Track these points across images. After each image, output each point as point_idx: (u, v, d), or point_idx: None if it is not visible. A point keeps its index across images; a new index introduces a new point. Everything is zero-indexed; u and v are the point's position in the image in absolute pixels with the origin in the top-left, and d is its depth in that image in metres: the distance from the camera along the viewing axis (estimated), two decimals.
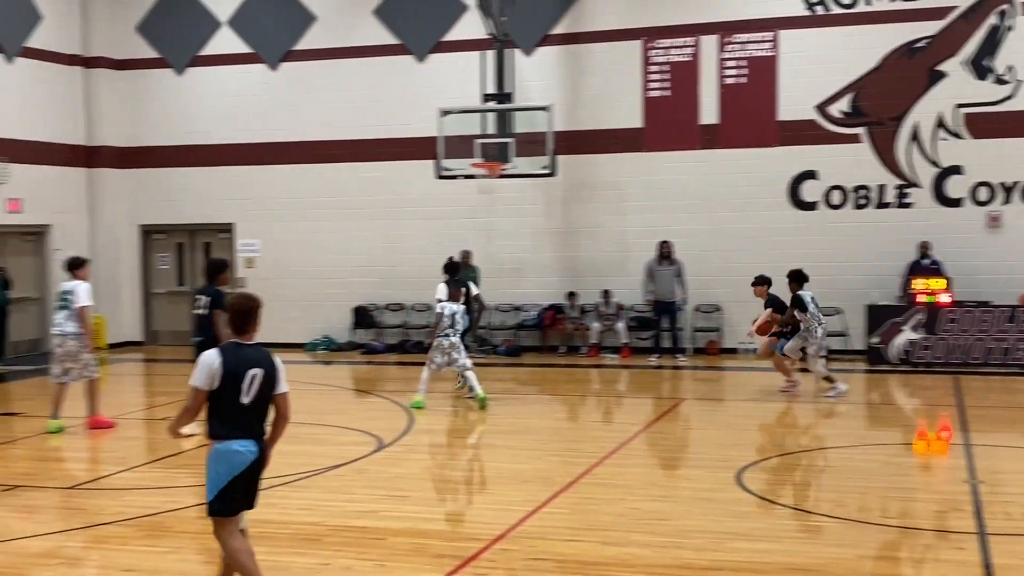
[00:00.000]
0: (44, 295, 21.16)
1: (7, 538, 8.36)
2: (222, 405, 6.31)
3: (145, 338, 22.62)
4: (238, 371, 6.32)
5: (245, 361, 6.36)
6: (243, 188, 21.71)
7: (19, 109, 20.33)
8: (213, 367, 6.28)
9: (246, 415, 6.35)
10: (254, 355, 6.44)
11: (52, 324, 12.96)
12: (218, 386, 6.28)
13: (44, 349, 20.98)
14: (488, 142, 18.06)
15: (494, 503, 9.18)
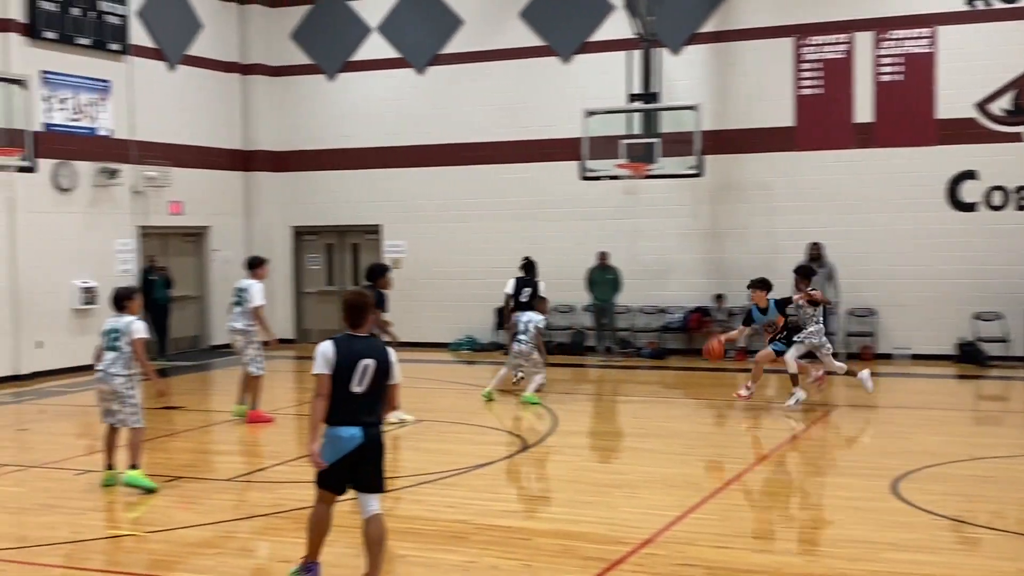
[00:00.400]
0: (203, 294, 21.96)
1: (169, 527, 8.67)
2: (334, 393, 6.61)
3: (296, 336, 23.21)
4: (350, 361, 6.62)
5: (358, 352, 6.67)
6: (390, 190, 22.09)
7: (180, 115, 21.11)
8: (328, 355, 6.63)
9: (356, 403, 6.64)
10: (367, 346, 6.73)
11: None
12: (332, 374, 6.60)
13: (203, 345, 21.80)
14: (634, 142, 17.94)
15: (641, 507, 9.10)
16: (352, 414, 6.64)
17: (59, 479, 10.53)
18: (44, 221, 18.13)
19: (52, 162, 18.07)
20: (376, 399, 6.74)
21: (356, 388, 6.63)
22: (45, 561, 7.86)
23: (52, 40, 18.32)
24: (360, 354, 6.67)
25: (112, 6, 19.44)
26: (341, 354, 6.64)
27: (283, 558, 7.74)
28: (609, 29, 20.16)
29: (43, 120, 17.98)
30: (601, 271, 19.18)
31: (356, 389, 6.63)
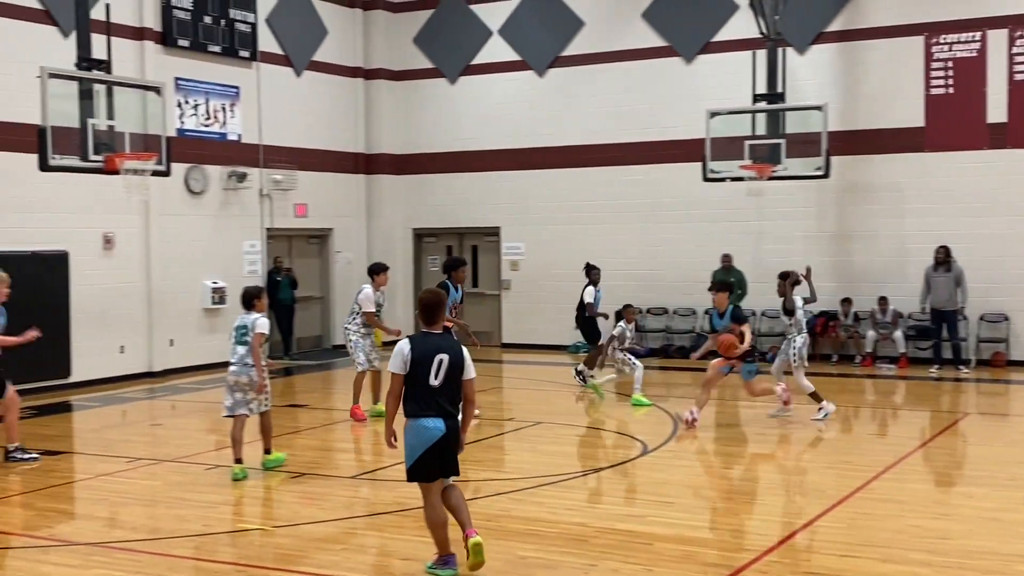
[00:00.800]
0: (327, 294, 22.38)
1: (294, 522, 8.85)
2: (414, 387, 7.10)
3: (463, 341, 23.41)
4: (426, 357, 7.07)
5: (433, 348, 7.13)
6: (509, 192, 22.19)
7: (305, 120, 21.56)
8: (404, 354, 7.09)
9: (435, 395, 7.09)
10: (441, 342, 7.20)
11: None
12: (409, 371, 7.05)
13: (326, 345, 22.22)
14: (758, 143, 17.68)
15: (764, 514, 8.95)
16: (433, 406, 7.09)
17: (190, 473, 10.84)
18: (176, 223, 18.71)
19: (184, 166, 18.64)
20: (453, 392, 7.17)
21: (433, 381, 7.06)
22: (177, 553, 8.10)
23: (185, 48, 18.90)
24: (436, 349, 7.11)
25: (242, 14, 19.96)
26: (417, 351, 7.09)
27: (405, 555, 7.83)
28: (733, 29, 19.91)
29: (176, 125, 18.57)
30: (724, 274, 18.91)
31: (434, 383, 7.06)
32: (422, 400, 7.08)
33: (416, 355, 7.07)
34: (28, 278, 15.88)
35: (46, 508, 9.67)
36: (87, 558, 8.02)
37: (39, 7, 16.61)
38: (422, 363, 7.06)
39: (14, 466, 11.22)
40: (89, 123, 13.10)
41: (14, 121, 15.67)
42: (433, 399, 7.09)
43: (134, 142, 13.68)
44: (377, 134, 23.10)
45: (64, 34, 16.48)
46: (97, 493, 10.34)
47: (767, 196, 18.97)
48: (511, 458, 11.85)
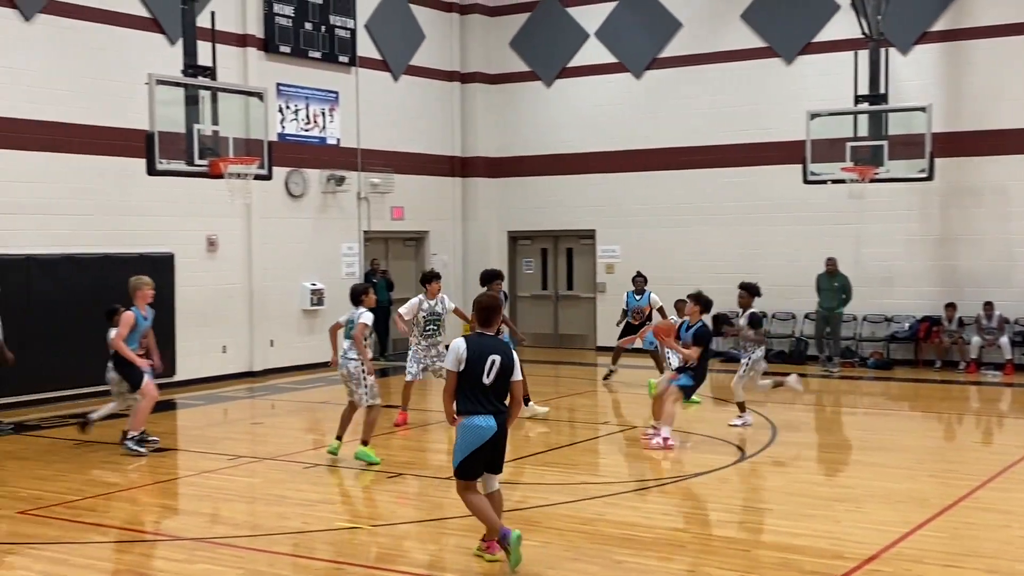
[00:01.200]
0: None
1: (392, 522, 8.94)
2: (467, 385, 7.40)
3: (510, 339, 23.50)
4: (480, 356, 7.41)
5: (486, 348, 7.47)
6: (605, 195, 22.13)
7: (402, 124, 21.79)
8: (460, 352, 7.42)
9: (487, 394, 7.41)
10: (494, 344, 7.55)
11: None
12: (464, 369, 7.37)
13: None
14: (860, 145, 17.35)
15: (865, 522, 8.78)
16: (485, 404, 7.42)
17: (290, 471, 11.03)
18: (277, 226, 19.07)
19: (285, 170, 18.98)
20: (502, 391, 7.51)
21: (486, 380, 7.40)
22: (277, 549, 8.25)
23: (286, 54, 19.25)
24: (489, 350, 7.46)
25: (342, 20, 20.26)
26: (472, 351, 7.42)
27: (499, 557, 7.85)
28: (834, 29, 19.61)
29: (277, 130, 18.93)
30: (828, 278, 18.60)
31: (486, 381, 7.40)
32: (475, 398, 7.41)
33: (471, 355, 7.39)
34: None
35: (152, 504, 9.94)
36: (192, 553, 8.21)
37: (147, 16, 17.07)
38: (476, 363, 7.39)
39: (125, 461, 11.54)
40: (195, 128, 13.40)
41: (124, 126, 16.14)
42: (485, 397, 7.43)
43: (237, 146, 13.96)
44: (473, 137, 23.24)
45: (171, 42, 16.92)
46: (200, 489, 10.58)
47: (869, 199, 18.58)
48: (606, 462, 11.81)
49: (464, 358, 7.40)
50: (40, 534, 8.66)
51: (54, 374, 15.60)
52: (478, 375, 7.39)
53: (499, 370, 7.43)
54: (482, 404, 7.42)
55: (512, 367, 7.52)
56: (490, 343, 7.53)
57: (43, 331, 15.43)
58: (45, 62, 15.79)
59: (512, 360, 7.52)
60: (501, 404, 7.51)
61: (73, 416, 14.62)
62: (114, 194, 16.50)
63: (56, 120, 15.88)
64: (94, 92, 16.27)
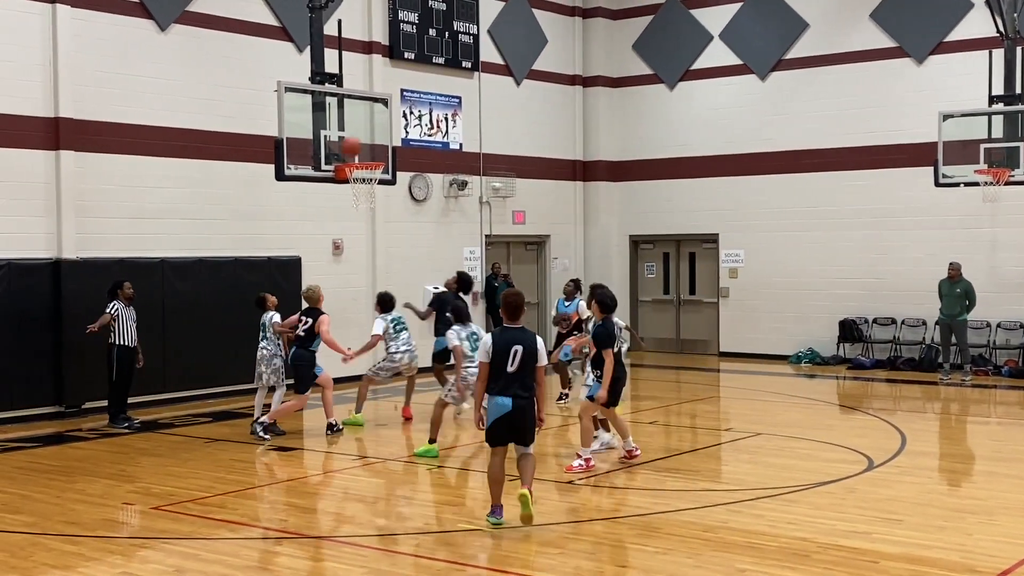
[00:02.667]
0: (542, 300, 22.61)
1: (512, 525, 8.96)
2: (494, 371, 8.60)
3: (631, 344, 23.38)
4: (505, 347, 8.59)
5: (510, 340, 8.65)
6: (727, 198, 21.86)
7: (524, 128, 21.88)
8: (487, 345, 8.70)
9: (510, 379, 8.57)
10: (518, 335, 8.71)
11: None
12: (492, 359, 8.59)
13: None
14: (994, 147, 16.77)
15: (998, 534, 8.48)
16: (506, 387, 8.58)
17: (413, 472, 11.15)
18: (400, 230, 19.34)
19: (408, 174, 19.23)
20: (526, 376, 8.64)
21: (510, 368, 8.53)
22: (400, 549, 8.35)
23: (410, 60, 19.51)
24: (513, 341, 8.63)
25: (465, 25, 20.45)
26: (497, 344, 8.64)
27: (621, 563, 7.81)
28: (967, 28, 19.03)
29: (401, 135, 19.19)
30: (950, 284, 18.01)
31: (510, 369, 8.54)
32: (500, 382, 8.60)
33: (496, 347, 8.61)
34: (264, 282, 16.76)
35: (280, 501, 10.16)
36: (317, 551, 8.37)
37: (276, 24, 17.50)
38: (502, 353, 8.59)
39: (254, 459, 11.84)
40: (321, 134, 13.65)
41: (252, 133, 16.57)
42: (507, 382, 8.58)
43: (362, 152, 14.18)
44: (594, 141, 23.21)
45: (299, 49, 17.32)
46: (326, 488, 10.79)
47: (1003, 202, 17.95)
48: (729, 469, 11.65)
49: (491, 350, 8.61)
50: (172, 529, 8.93)
51: (187, 374, 16.10)
52: (503, 364, 8.58)
53: (522, 358, 8.58)
54: (505, 388, 8.59)
55: (535, 354, 8.67)
56: (514, 335, 8.69)
57: (176, 333, 15.92)
58: (178, 71, 16.31)
59: (536, 348, 8.68)
60: (523, 390, 8.62)
61: (204, 415, 15.07)
62: (244, 199, 16.95)
63: (188, 127, 16.39)
64: (225, 99, 16.74)
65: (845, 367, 19.90)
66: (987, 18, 17.47)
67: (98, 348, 14.04)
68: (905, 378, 18.53)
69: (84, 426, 14.18)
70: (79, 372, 14.77)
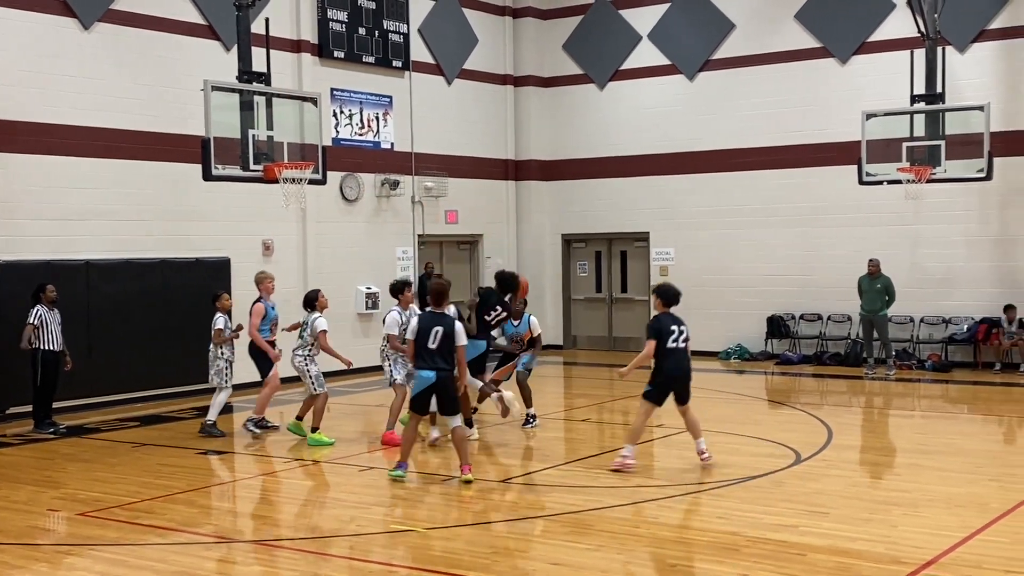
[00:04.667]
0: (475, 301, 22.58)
1: (445, 525, 8.97)
2: (419, 349, 10.23)
3: (564, 342, 23.53)
4: (428, 328, 10.21)
5: (433, 322, 10.25)
6: (658, 197, 22.05)
7: (456, 127, 21.87)
8: (414, 326, 10.40)
9: (432, 355, 10.17)
10: (440, 319, 10.27)
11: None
12: (416, 337, 10.26)
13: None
14: (916, 145, 17.14)
15: (923, 526, 8.66)
16: (429, 363, 10.16)
17: (345, 474, 11.11)
18: (331, 230, 19.22)
19: (339, 174, 19.13)
20: (446, 354, 10.17)
21: (431, 345, 10.13)
22: (333, 552, 8.31)
23: (340, 59, 19.41)
24: (435, 324, 10.22)
25: (395, 24, 20.38)
26: (422, 325, 10.29)
27: (554, 560, 7.85)
28: (890, 28, 19.40)
29: (332, 135, 19.08)
30: (870, 280, 18.35)
31: (431, 346, 10.13)
32: (423, 357, 10.20)
33: (421, 326, 10.26)
34: (192, 284, 16.58)
35: (209, 506, 10.05)
36: (248, 556, 8.30)
37: (202, 23, 17.30)
38: (425, 333, 10.19)
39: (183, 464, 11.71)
40: (250, 134, 13.55)
41: (179, 132, 16.38)
42: (430, 357, 10.15)
43: (292, 151, 14.09)
44: (526, 140, 23.27)
45: (226, 48, 17.15)
46: (257, 492, 10.70)
47: (926, 199, 18.36)
48: (660, 464, 11.76)
49: (416, 330, 10.29)
50: (99, 536, 8.80)
51: (114, 378, 15.85)
52: (425, 342, 10.15)
53: (441, 339, 10.13)
54: (427, 363, 10.16)
55: (454, 336, 10.19)
56: (437, 319, 10.25)
57: (102, 336, 15.68)
58: (103, 70, 16.06)
59: (454, 331, 10.20)
60: (444, 363, 10.16)
61: (132, 419, 14.86)
62: (171, 200, 16.74)
63: (113, 127, 16.14)
64: (150, 99, 16.52)
65: (773, 363, 20.18)
66: (909, 19, 17.86)
67: (22, 352, 13.77)
68: (831, 373, 18.84)
69: (8, 431, 13.90)
70: (2, 376, 14.48)
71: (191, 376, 16.39)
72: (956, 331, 19.00)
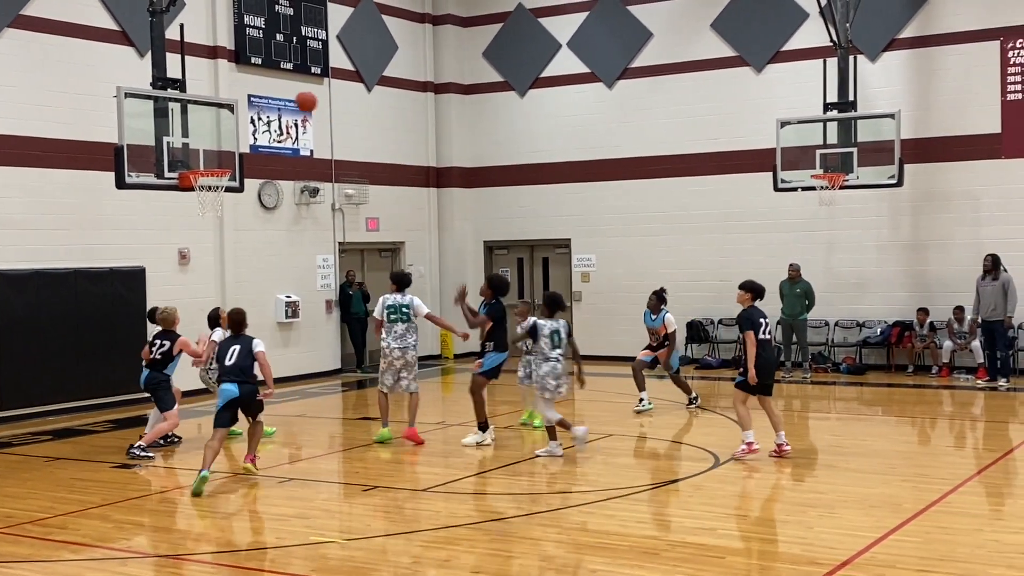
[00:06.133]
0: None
1: (366, 535, 8.91)
2: (222, 365, 11.14)
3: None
4: (227, 348, 11.16)
5: (232, 342, 11.21)
6: (579, 204, 22.18)
7: (376, 134, 21.77)
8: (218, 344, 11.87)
9: (231, 371, 11.01)
10: (240, 341, 11.18)
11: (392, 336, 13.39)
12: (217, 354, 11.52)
13: None
14: (829, 152, 17.47)
15: (838, 527, 8.81)
16: (231, 377, 11.00)
17: (264, 485, 10.97)
18: (250, 238, 18.99)
19: (257, 182, 18.92)
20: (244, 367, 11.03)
21: (228, 362, 11.03)
22: (251, 565, 8.20)
23: (257, 65, 19.20)
24: (235, 343, 11.15)
25: (313, 31, 20.24)
26: (223, 345, 11.32)
27: (476, 568, 7.84)
28: (803, 37, 19.75)
29: (249, 142, 18.87)
30: (790, 284, 18.66)
31: (228, 363, 11.03)
32: (225, 373, 11.07)
33: (222, 347, 11.33)
34: (106, 294, 16.26)
35: (124, 520, 9.85)
36: (164, 571, 8.16)
37: (116, 28, 17.00)
38: (224, 351, 11.18)
39: (96, 478, 11.46)
40: (164, 141, 13.35)
41: (92, 140, 16.06)
42: (231, 373, 11.01)
43: (208, 159, 13.91)
44: (447, 148, 23.24)
45: (140, 54, 16.87)
46: (173, 506, 10.52)
47: (839, 205, 18.71)
48: (582, 470, 11.80)
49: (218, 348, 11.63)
50: (11, 552, 8.58)
51: (26, 391, 15.48)
52: (223, 358, 11.13)
53: (239, 354, 11.02)
54: (229, 377, 11.00)
55: (251, 350, 11.09)
56: (238, 340, 11.18)
57: (13, 348, 15.31)
58: (12, 76, 15.69)
59: (251, 346, 11.11)
60: (244, 376, 11.02)
61: (45, 433, 14.52)
62: (84, 208, 16.40)
63: (23, 134, 15.79)
64: (63, 105, 16.18)
65: (693, 367, 20.39)
66: (821, 28, 18.22)
67: None
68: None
69: None
70: None
71: (105, 388, 16.08)
72: (870, 334, 19.38)
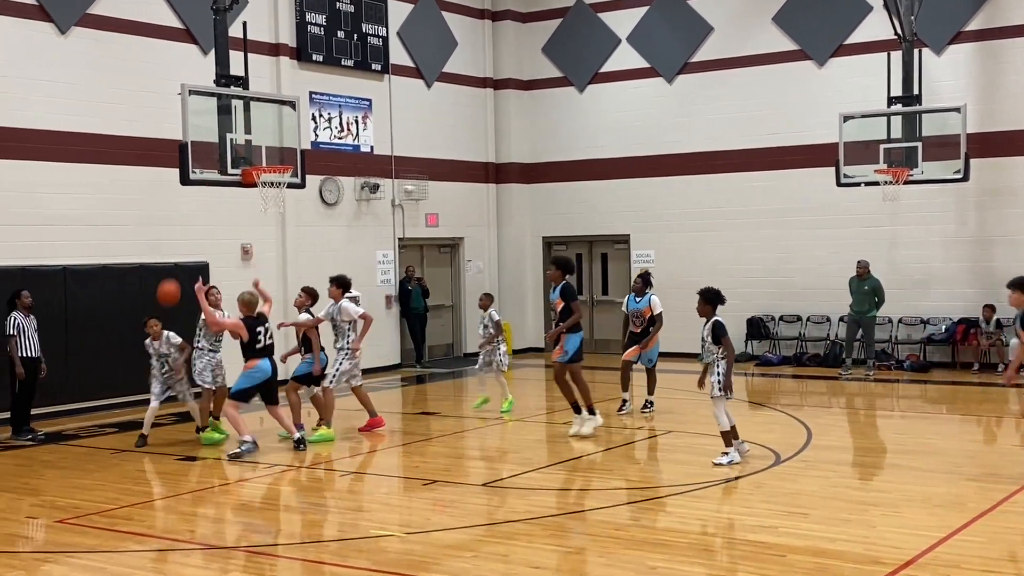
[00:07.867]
0: (457, 303, 22.63)
1: (425, 529, 8.96)
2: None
3: (546, 345, 23.49)
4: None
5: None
6: (638, 199, 22.09)
7: (436, 131, 21.85)
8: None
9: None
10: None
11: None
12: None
13: (457, 353, 22.46)
14: (893, 147, 17.23)
15: (901, 526, 8.70)
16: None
17: (326, 479, 11.08)
18: (311, 234, 19.17)
19: (318, 178, 19.09)
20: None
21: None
22: (312, 557, 8.28)
23: (319, 62, 19.37)
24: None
25: (374, 28, 20.37)
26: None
27: (535, 563, 7.85)
28: (867, 31, 19.49)
29: (311, 138, 19.03)
30: (859, 281, 18.44)
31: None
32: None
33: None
34: None
35: (188, 512, 10.00)
36: (227, 562, 8.27)
37: (180, 27, 17.24)
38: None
39: (161, 470, 11.64)
40: (228, 138, 13.50)
41: (157, 137, 16.30)
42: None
43: (270, 155, 14.05)
44: (506, 143, 23.27)
45: (203, 52, 17.09)
46: (236, 498, 10.66)
47: (903, 201, 18.42)
48: (640, 467, 11.79)
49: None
50: (77, 543, 8.75)
51: (92, 384, 15.77)
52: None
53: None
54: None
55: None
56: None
57: (79, 342, 15.60)
58: (80, 74, 15.98)
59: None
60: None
61: (111, 425, 14.79)
62: (149, 204, 16.67)
63: (90, 131, 16.08)
64: (128, 103, 16.45)
65: (753, 364, 20.23)
66: (885, 21, 17.95)
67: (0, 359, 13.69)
68: (810, 374, 18.91)
69: None
70: None
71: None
72: (934, 331, 19.10)
